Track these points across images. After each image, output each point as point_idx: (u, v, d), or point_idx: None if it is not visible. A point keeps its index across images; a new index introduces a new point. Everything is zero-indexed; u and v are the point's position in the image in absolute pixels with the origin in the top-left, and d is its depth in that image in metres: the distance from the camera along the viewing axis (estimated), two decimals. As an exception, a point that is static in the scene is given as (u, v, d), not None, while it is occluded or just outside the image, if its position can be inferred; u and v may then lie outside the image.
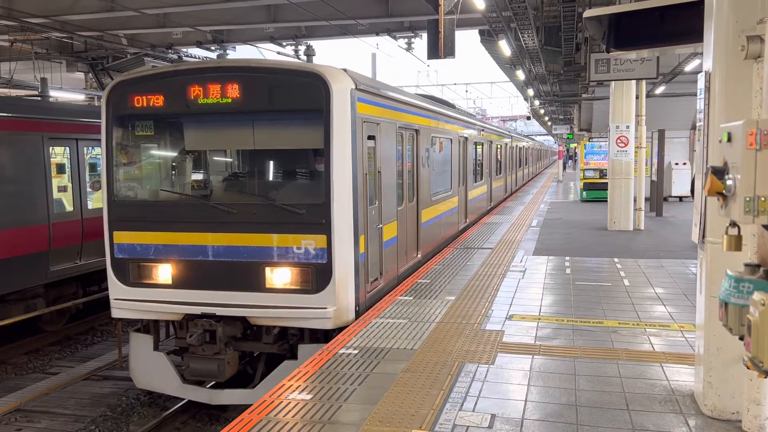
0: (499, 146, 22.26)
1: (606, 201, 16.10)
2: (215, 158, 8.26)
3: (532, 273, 10.08)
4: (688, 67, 16.50)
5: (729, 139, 2.48)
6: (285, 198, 7.34)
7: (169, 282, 7.47)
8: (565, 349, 6.24)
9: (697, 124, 4.81)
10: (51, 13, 16.19)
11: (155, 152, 8.29)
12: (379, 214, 8.34)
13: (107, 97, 7.67)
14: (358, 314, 7.38)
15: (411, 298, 8.36)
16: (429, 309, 7.76)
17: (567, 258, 11.45)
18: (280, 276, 7.16)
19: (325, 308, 7.01)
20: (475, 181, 17.06)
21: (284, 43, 18.06)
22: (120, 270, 7.67)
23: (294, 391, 5.19)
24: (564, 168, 48.52)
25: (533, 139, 51.97)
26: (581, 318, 7.38)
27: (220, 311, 7.22)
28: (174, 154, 8.25)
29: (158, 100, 7.46)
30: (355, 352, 6.18)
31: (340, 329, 6.98)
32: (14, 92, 16.65)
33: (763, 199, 2.30)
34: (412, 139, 10.27)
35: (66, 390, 9.00)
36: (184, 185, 8.13)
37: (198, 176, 8.20)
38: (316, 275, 7.04)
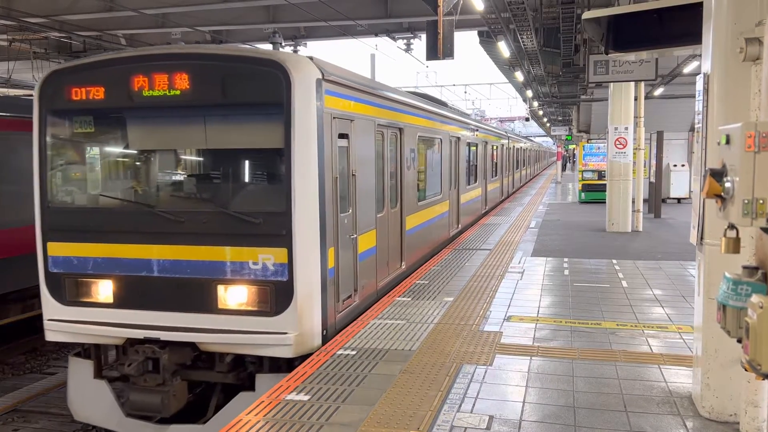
0: (494, 147, 21.36)
1: (604, 202, 16.11)
2: (162, 159, 7.20)
3: (530, 274, 10.08)
4: (687, 69, 16.55)
5: (727, 142, 2.48)
6: (239, 205, 6.46)
7: (110, 301, 6.61)
8: (564, 351, 6.24)
9: (696, 126, 4.82)
10: (50, 13, 16.19)
11: (95, 152, 7.30)
12: (354, 223, 7.45)
13: (40, 90, 6.75)
14: (326, 339, 6.50)
15: (409, 299, 8.36)
16: (427, 310, 7.76)
17: (565, 259, 11.46)
18: (233, 295, 6.30)
19: (286, 333, 6.12)
20: (469, 184, 16.16)
21: (283, 44, 18.06)
22: (55, 286, 6.77)
23: (292, 391, 5.19)
24: (563, 169, 48.58)
25: (532, 141, 51.59)
26: (579, 319, 7.38)
27: (165, 335, 6.32)
28: (116, 154, 7.29)
29: (98, 93, 6.53)
30: (353, 353, 6.17)
31: (305, 356, 6.19)
32: (12, 92, 16.63)
33: (761, 201, 2.30)
34: (395, 139, 9.43)
35: (64, 390, 8.99)
36: (127, 190, 7.10)
37: (142, 180, 7.20)
38: (275, 295, 6.16)
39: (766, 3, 4.17)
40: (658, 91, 20.16)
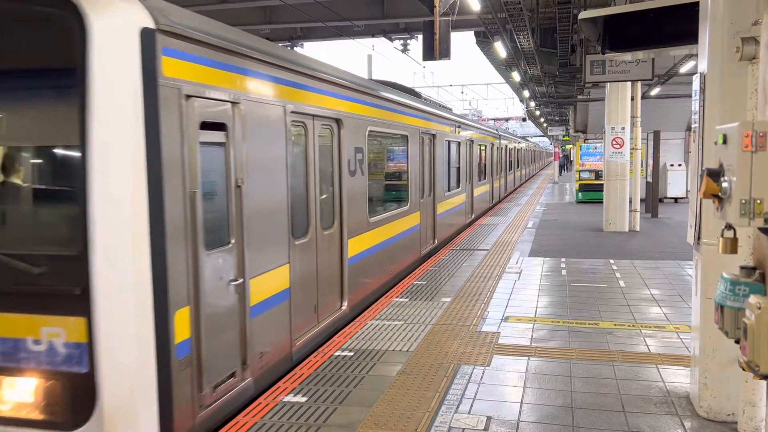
0: (483, 147, 19.06)
1: (601, 202, 16.13)
2: None
3: (527, 274, 10.08)
4: (684, 69, 16.57)
5: (724, 141, 2.48)
6: (10, 242, 3.94)
7: None
8: (561, 351, 6.23)
9: (692, 126, 4.82)
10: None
11: None
12: (240, 261, 4.92)
13: None
14: None
15: (407, 300, 8.35)
16: (425, 311, 7.75)
17: (563, 259, 11.45)
18: (5, 394, 3.85)
19: None
20: (449, 190, 13.85)
21: (279, 45, 18.09)
22: None
23: (289, 393, 5.17)
24: (561, 171, 48.50)
25: (528, 140, 51.21)
26: (577, 319, 7.38)
27: None
28: None
29: None
30: (351, 354, 6.16)
31: None
32: None
33: (758, 201, 2.29)
34: (329, 134, 7.00)
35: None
36: None
37: None
38: (70, 396, 3.74)
39: (763, 2, 4.17)
40: (655, 91, 20.19)
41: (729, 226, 2.52)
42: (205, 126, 4.49)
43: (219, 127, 4.71)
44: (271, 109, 5.51)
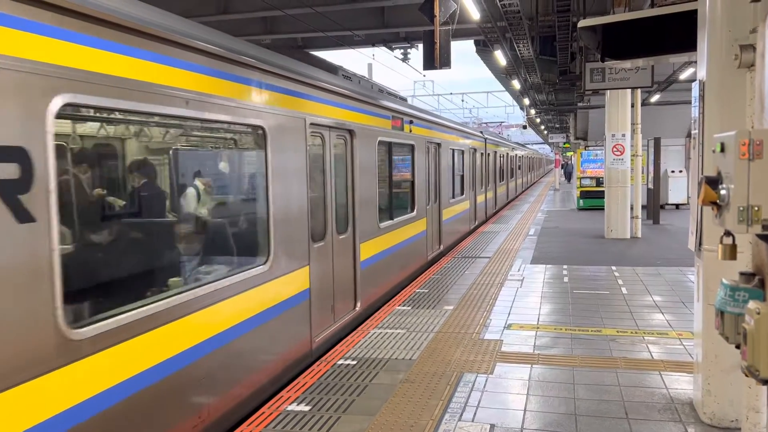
0: (459, 152, 15.16)
1: (603, 209, 16.14)
2: None
3: (530, 282, 10.08)
4: (683, 76, 16.66)
5: (722, 150, 2.50)
6: None
7: None
8: (564, 358, 6.24)
9: (692, 133, 4.85)
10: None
11: None
12: None
13: None
14: None
15: (409, 308, 8.35)
16: (427, 319, 7.76)
17: (565, 266, 11.46)
18: None
19: None
20: (391, 218, 9.61)
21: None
22: None
23: (292, 402, 5.18)
24: (568, 179, 48.06)
25: (526, 147, 49.95)
26: (579, 326, 7.38)
27: None
28: None
29: None
30: (354, 362, 6.17)
31: None
32: None
33: (756, 208, 2.32)
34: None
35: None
36: None
37: None
38: None
39: (760, 10, 4.20)
40: (655, 98, 20.28)
41: (728, 233, 2.54)
42: None
43: None
44: None
